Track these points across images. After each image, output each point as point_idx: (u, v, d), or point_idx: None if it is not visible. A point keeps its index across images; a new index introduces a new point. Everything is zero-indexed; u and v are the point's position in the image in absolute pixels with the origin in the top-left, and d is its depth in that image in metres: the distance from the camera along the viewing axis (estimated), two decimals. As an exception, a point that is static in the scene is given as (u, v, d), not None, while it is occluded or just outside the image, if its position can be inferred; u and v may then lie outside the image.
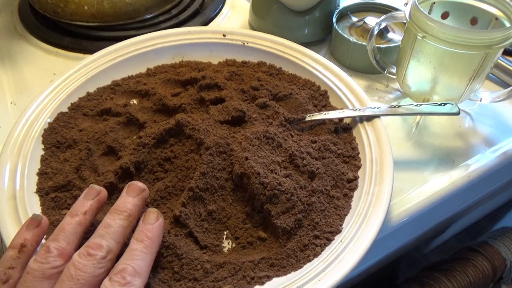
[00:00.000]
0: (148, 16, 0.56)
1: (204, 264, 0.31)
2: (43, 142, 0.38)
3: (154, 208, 0.31)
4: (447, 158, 0.43)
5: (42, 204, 0.34)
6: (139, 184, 0.31)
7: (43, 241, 0.31)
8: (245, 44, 0.48)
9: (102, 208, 0.32)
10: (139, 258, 0.27)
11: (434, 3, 0.44)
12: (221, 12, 0.60)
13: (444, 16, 0.45)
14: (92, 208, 0.29)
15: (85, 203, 0.29)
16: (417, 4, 0.40)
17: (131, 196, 0.30)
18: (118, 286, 0.25)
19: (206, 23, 0.58)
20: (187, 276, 0.30)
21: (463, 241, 0.74)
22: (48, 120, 0.39)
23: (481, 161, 0.43)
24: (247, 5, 0.58)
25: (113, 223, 0.28)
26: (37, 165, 0.37)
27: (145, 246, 0.28)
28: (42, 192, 0.35)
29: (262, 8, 0.54)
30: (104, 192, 0.31)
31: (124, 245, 0.29)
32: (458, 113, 0.38)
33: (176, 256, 0.31)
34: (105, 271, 0.26)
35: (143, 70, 0.47)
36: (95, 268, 0.26)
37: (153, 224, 0.29)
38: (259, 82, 0.44)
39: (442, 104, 0.39)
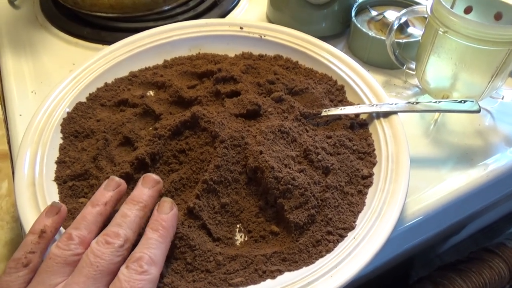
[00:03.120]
0: (166, 8, 0.56)
1: (217, 256, 0.31)
2: (62, 131, 0.39)
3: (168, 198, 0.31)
4: (466, 157, 0.42)
5: (60, 192, 0.35)
6: (154, 176, 0.31)
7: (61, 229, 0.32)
8: (262, 37, 0.48)
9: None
10: (154, 247, 0.27)
11: (457, -3, 0.42)
12: (238, 4, 0.60)
13: (467, 10, 0.43)
14: (112, 199, 0.30)
15: (106, 194, 0.30)
16: (440, -2, 0.39)
17: (146, 188, 0.31)
18: (135, 274, 0.25)
19: (223, 15, 0.58)
20: (200, 268, 0.31)
21: (479, 242, 0.72)
22: (67, 110, 0.40)
23: (501, 161, 0.42)
24: (265, -2, 0.58)
25: (130, 213, 0.29)
26: (56, 154, 0.37)
27: (160, 235, 0.28)
28: (60, 180, 0.36)
29: (280, 1, 0.53)
30: (124, 185, 0.31)
31: (138, 235, 0.29)
32: (478, 111, 0.37)
33: (189, 247, 0.31)
34: (122, 259, 0.27)
35: (160, 61, 0.47)
36: (113, 256, 0.26)
37: (167, 214, 0.29)
38: (275, 76, 0.43)
39: (462, 102, 0.38)
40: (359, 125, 0.40)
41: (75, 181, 0.36)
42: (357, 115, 0.41)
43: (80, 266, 0.26)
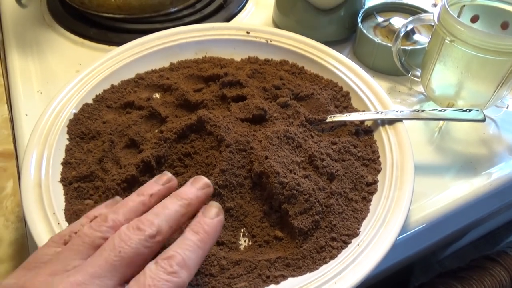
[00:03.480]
0: (173, 10, 0.57)
1: (221, 260, 0.32)
2: (68, 132, 0.39)
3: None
4: (469, 165, 0.42)
5: (65, 193, 0.35)
6: (206, 180, 0.29)
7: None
8: (269, 42, 0.48)
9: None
10: (191, 249, 0.25)
11: (464, 6, 0.43)
12: (245, 8, 0.60)
13: (474, 19, 0.44)
14: (159, 192, 0.28)
15: (154, 186, 0.28)
16: (447, 7, 0.39)
17: (195, 187, 0.28)
18: (163, 273, 0.23)
19: (229, 18, 0.58)
20: (203, 272, 0.31)
21: (480, 248, 0.73)
22: (74, 111, 0.40)
23: (505, 170, 0.42)
24: (272, 1, 0.58)
25: (171, 206, 0.27)
26: (62, 155, 0.38)
27: (200, 239, 0.25)
28: (66, 181, 0.36)
29: (287, 5, 0.53)
30: (174, 182, 0.30)
31: (175, 235, 0.27)
32: (483, 120, 0.37)
33: (193, 251, 0.31)
34: (150, 252, 0.25)
35: (166, 64, 0.47)
36: (140, 244, 0.24)
37: (212, 219, 0.27)
38: (281, 81, 0.44)
39: (467, 110, 0.38)
40: (364, 132, 0.40)
41: (80, 182, 0.36)
42: (362, 121, 0.41)
43: (102, 248, 0.24)
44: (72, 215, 0.33)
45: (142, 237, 0.24)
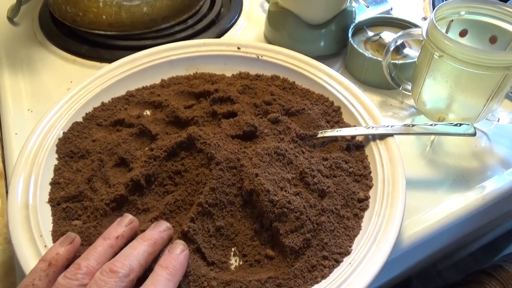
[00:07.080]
0: (164, 26, 0.57)
1: (211, 281, 0.31)
2: (57, 152, 0.39)
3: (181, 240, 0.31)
4: (462, 179, 0.42)
5: (53, 214, 0.34)
6: (167, 223, 0.32)
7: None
8: (259, 57, 0.48)
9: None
10: (162, 283, 0.27)
11: (452, 20, 0.43)
12: (236, 23, 0.60)
13: (463, 33, 0.44)
14: (124, 234, 0.30)
15: (118, 229, 0.30)
16: (435, 22, 0.39)
17: (157, 230, 0.31)
18: None
19: (221, 34, 0.58)
20: (193, 293, 0.30)
21: (479, 259, 0.72)
22: (62, 131, 0.40)
23: (498, 183, 0.42)
24: (263, 16, 0.58)
25: (139, 246, 0.29)
26: (50, 175, 0.37)
27: (169, 273, 0.28)
28: (54, 202, 0.35)
29: (278, 21, 0.54)
30: (136, 222, 0.32)
31: (145, 271, 0.29)
32: (474, 134, 0.37)
33: (183, 272, 0.31)
34: None
35: (157, 81, 0.47)
36: (116, 285, 0.26)
37: (179, 254, 0.29)
38: (272, 97, 0.43)
39: (458, 125, 0.38)
40: (355, 147, 0.40)
41: (69, 203, 0.35)
42: (353, 137, 0.41)
43: None
44: (59, 237, 0.33)
45: (117, 278, 0.26)
